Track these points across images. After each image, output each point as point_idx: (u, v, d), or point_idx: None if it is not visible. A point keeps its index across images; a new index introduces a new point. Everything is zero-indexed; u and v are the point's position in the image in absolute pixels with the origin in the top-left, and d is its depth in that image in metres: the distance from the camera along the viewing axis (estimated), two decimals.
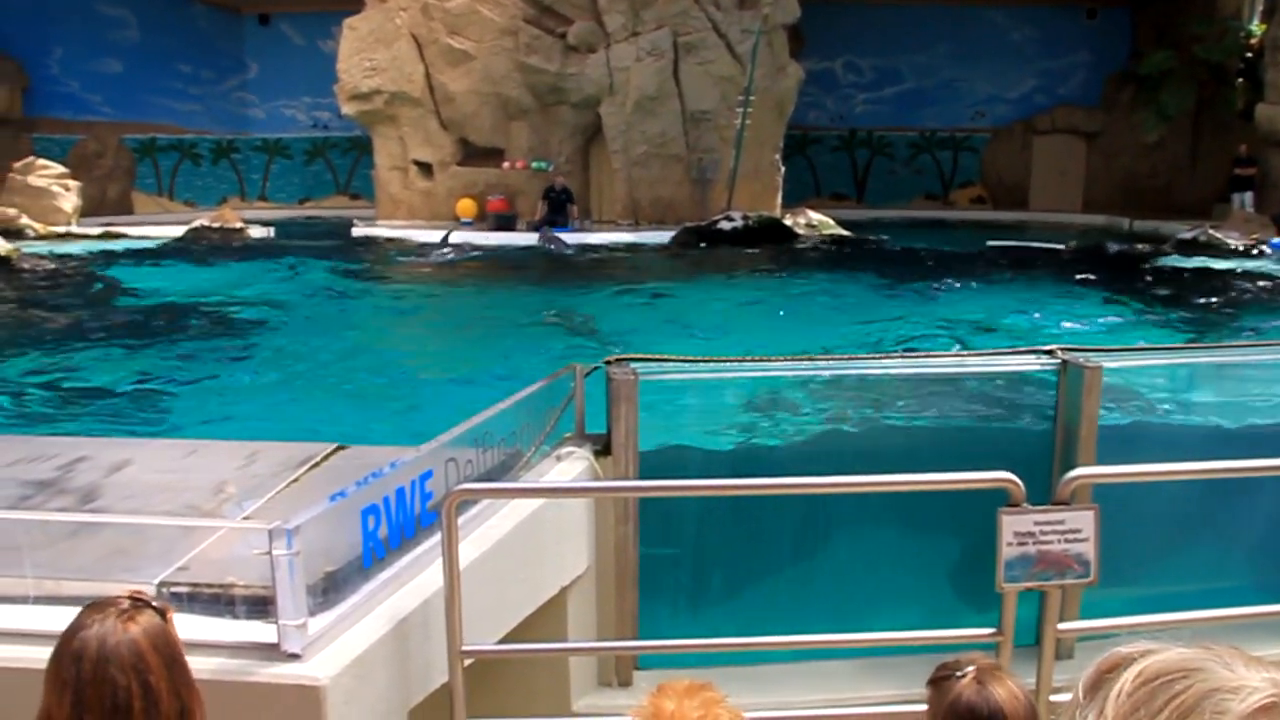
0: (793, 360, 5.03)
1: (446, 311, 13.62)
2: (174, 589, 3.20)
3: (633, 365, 4.55)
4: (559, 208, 20.67)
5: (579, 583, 4.49)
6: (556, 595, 4.31)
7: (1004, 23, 29.63)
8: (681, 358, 4.72)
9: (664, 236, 19.07)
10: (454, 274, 16.64)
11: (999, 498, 3.48)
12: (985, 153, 30.24)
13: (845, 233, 19.72)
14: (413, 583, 3.33)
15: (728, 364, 4.90)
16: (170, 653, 2.09)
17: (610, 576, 4.67)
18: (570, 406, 4.54)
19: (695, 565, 5.18)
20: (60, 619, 3.08)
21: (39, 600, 3.23)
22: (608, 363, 4.55)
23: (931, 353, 6.86)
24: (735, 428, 5.40)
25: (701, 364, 4.73)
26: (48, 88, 26.86)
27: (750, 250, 17.54)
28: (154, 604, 2.13)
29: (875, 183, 30.75)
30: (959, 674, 2.25)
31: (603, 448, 4.57)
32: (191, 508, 3.98)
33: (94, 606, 2.08)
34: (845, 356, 5.27)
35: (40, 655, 2.96)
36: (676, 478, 4.64)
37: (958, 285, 14.27)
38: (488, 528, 3.74)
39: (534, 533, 3.97)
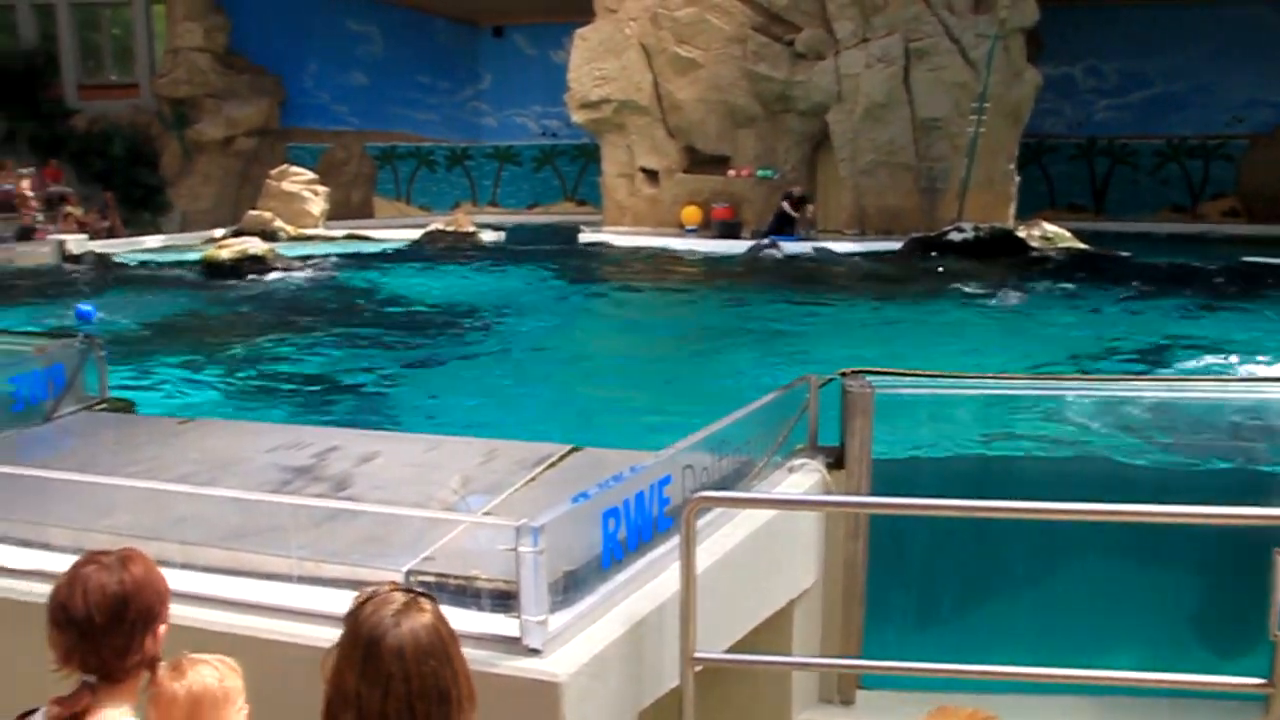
0: (1036, 379, 4.80)
1: (675, 318, 13.74)
2: (421, 578, 3.34)
3: (868, 378, 4.46)
4: (789, 216, 20.46)
5: (805, 596, 4.44)
6: (784, 608, 4.27)
7: (1273, 20, 27.46)
8: (919, 372, 4.59)
9: (891, 247, 18.65)
10: (682, 281, 16.79)
11: (1265, 537, 3.21)
12: (1242, 161, 28.16)
13: (1083, 246, 18.75)
14: (648, 586, 3.36)
15: (967, 380, 4.74)
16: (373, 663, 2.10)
17: (837, 592, 4.60)
18: (804, 418, 4.49)
19: (924, 585, 5.04)
20: (321, 599, 3.28)
21: (302, 580, 3.43)
22: (843, 375, 4.47)
23: (1187, 377, 6.45)
24: (974, 444, 5.21)
25: (940, 379, 4.59)
26: (302, 100, 28.85)
27: (981, 263, 16.92)
28: (425, 602, 2.19)
29: (1116, 194, 29.18)
30: None
31: (835, 461, 4.50)
32: (434, 501, 4.15)
33: (386, 593, 2.18)
34: (1092, 377, 5.00)
35: (303, 631, 3.16)
36: (910, 495, 4.51)
37: (1209, 305, 13.35)
38: (721, 535, 3.73)
39: (765, 544, 3.95)
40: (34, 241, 19.95)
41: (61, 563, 3.40)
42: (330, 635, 2.98)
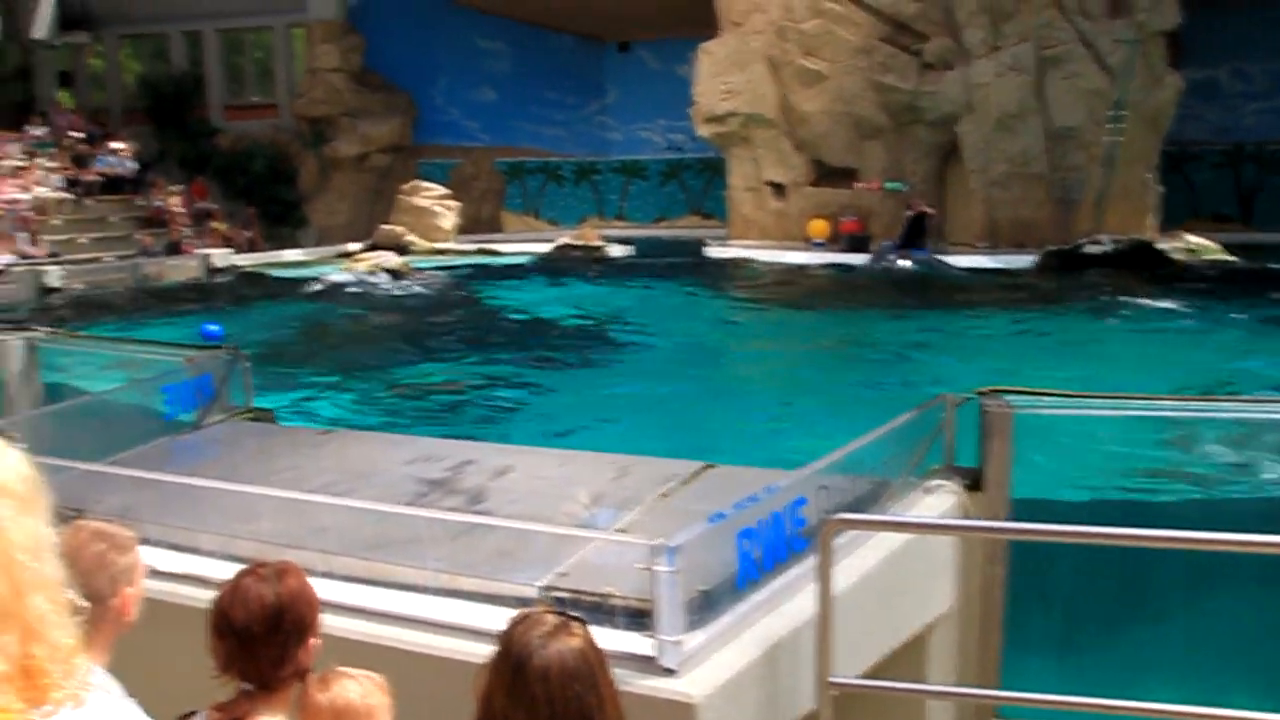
0: (1185, 399, 4.58)
1: (805, 333, 13.63)
2: (555, 594, 3.35)
3: (1007, 398, 4.32)
4: (917, 229, 20.10)
5: (941, 622, 4.31)
6: (919, 633, 4.16)
7: None
8: (1061, 392, 4.43)
9: (1024, 260, 18.14)
10: (811, 296, 16.64)
11: None
12: None
13: (1230, 258, 17.97)
14: (783, 608, 3.31)
15: (1113, 400, 4.55)
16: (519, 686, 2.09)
17: (975, 618, 4.45)
18: (940, 438, 4.37)
19: (1066, 613, 4.86)
20: (457, 612, 3.32)
21: (438, 592, 3.47)
22: (980, 394, 4.34)
23: None
24: (1123, 469, 5.01)
25: (1083, 399, 4.41)
26: (433, 117, 29.58)
27: (1120, 277, 16.32)
28: (576, 626, 2.19)
29: (1265, 203, 27.84)
30: None
31: (972, 482, 4.36)
32: (567, 516, 4.16)
33: (539, 615, 2.19)
34: (1250, 399, 4.75)
35: (439, 644, 3.20)
36: (1052, 520, 4.36)
37: None
38: (856, 558, 3.65)
39: (901, 567, 3.85)
40: (182, 255, 20.89)
41: (211, 567, 3.54)
42: (466, 648, 3.03)
